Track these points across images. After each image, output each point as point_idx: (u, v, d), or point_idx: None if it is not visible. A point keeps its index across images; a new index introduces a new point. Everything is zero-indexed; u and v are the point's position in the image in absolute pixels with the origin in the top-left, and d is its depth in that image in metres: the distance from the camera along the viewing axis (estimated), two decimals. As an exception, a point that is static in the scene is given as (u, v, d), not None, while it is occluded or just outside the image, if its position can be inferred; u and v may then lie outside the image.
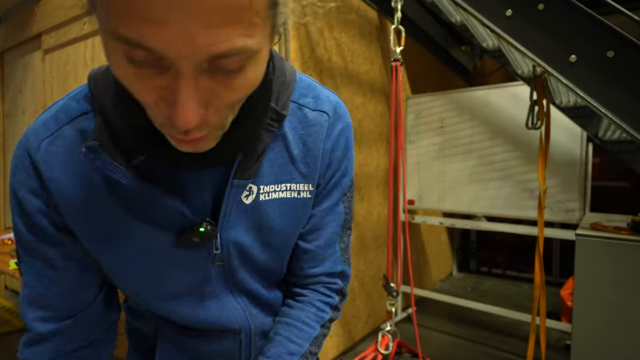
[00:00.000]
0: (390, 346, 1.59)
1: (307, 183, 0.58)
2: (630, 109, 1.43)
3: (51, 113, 0.50)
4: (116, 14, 0.32)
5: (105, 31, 0.34)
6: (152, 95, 0.36)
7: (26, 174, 0.49)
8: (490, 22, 1.61)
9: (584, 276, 1.79)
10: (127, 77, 0.36)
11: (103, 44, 0.36)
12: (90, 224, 0.50)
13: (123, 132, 0.46)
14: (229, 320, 0.60)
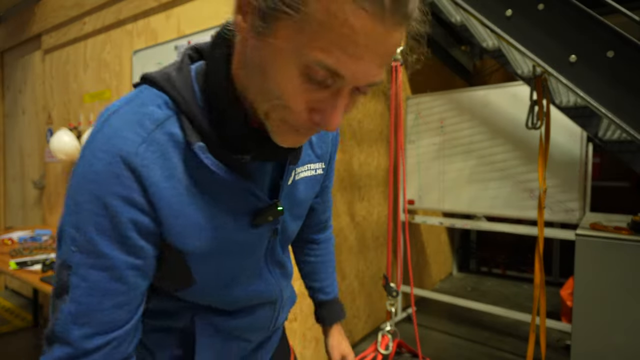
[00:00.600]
0: (390, 346, 1.59)
1: (321, 162, 0.71)
2: (630, 109, 1.43)
3: (131, 119, 0.50)
4: (322, 44, 0.40)
5: (293, 51, 0.42)
6: (304, 104, 0.46)
7: (118, 181, 0.48)
8: (490, 22, 1.61)
9: (584, 276, 1.79)
10: (291, 88, 0.44)
11: (273, 57, 0.44)
12: (186, 221, 0.53)
13: (233, 135, 0.52)
14: (269, 292, 0.69)
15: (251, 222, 0.58)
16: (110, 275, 0.50)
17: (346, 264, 2.74)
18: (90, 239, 0.48)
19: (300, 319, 2.31)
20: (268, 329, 0.74)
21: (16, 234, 2.72)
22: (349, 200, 2.74)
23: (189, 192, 0.53)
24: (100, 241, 0.49)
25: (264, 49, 0.45)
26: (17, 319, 3.32)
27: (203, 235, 0.55)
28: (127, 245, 0.50)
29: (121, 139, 0.48)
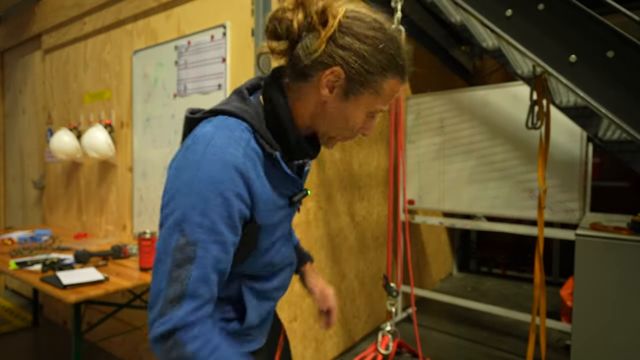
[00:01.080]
0: (390, 346, 1.59)
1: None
2: (630, 109, 1.43)
3: (229, 142, 0.72)
4: (383, 101, 0.78)
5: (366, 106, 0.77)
6: (360, 123, 0.79)
7: (234, 184, 0.71)
8: (490, 22, 1.61)
9: (584, 276, 1.79)
10: (359, 122, 0.79)
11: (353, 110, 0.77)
12: (268, 206, 0.79)
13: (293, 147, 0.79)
14: (290, 255, 0.97)
15: (289, 202, 0.85)
16: (222, 248, 0.72)
17: (346, 264, 2.74)
18: (214, 222, 0.69)
19: (301, 319, 2.31)
20: (286, 288, 0.98)
21: (16, 234, 2.72)
22: (349, 200, 2.74)
23: (269, 185, 0.78)
24: (220, 224, 0.70)
25: (345, 108, 0.77)
26: (17, 319, 3.32)
27: (275, 214, 0.81)
28: (234, 227, 0.73)
29: (230, 155, 0.71)
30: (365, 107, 0.77)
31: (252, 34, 2.02)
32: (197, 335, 0.69)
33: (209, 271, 0.70)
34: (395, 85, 0.79)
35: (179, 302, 0.68)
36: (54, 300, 3.22)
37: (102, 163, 2.84)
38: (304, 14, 0.72)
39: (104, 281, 1.78)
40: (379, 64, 0.74)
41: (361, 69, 0.72)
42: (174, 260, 0.69)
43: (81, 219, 3.05)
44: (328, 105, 0.77)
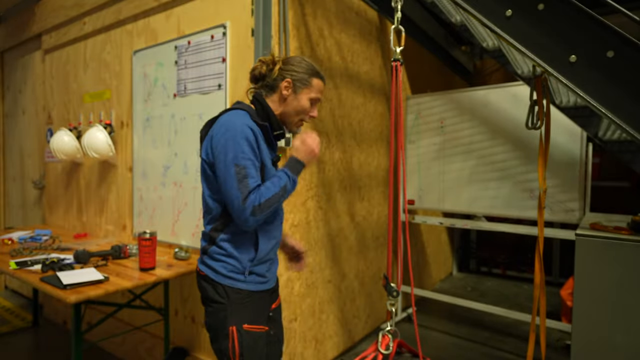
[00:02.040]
0: (390, 346, 1.58)
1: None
2: (630, 109, 1.42)
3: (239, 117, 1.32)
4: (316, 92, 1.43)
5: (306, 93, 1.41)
6: (310, 110, 1.44)
7: (249, 132, 1.28)
8: (490, 22, 1.61)
9: (584, 276, 1.79)
10: (307, 105, 1.41)
11: (297, 93, 1.40)
12: (263, 152, 1.34)
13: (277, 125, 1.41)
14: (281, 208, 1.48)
15: (273, 162, 1.41)
16: (255, 166, 1.29)
17: (346, 264, 2.74)
18: (247, 154, 1.27)
19: (301, 319, 2.31)
20: (280, 233, 1.48)
21: (16, 234, 2.72)
22: (349, 200, 2.74)
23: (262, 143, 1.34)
24: (250, 154, 1.28)
25: (296, 99, 1.40)
26: (17, 319, 3.32)
27: (267, 161, 1.35)
28: (256, 155, 1.30)
29: (242, 121, 1.30)
30: (306, 96, 1.39)
31: (252, 34, 2.02)
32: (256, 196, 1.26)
33: (255, 176, 1.28)
34: (319, 82, 1.42)
35: (249, 194, 1.25)
36: (54, 300, 3.22)
37: (102, 163, 2.84)
38: (265, 65, 1.41)
39: (104, 281, 1.78)
40: (306, 72, 1.40)
41: (299, 75, 1.39)
42: (237, 179, 1.26)
43: (81, 219, 3.05)
44: (288, 100, 1.40)
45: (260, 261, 1.39)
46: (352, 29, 2.73)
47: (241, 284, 1.35)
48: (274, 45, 2.02)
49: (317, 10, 2.36)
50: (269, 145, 1.38)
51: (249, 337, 1.33)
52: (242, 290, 1.35)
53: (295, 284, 2.27)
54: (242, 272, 1.35)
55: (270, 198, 1.27)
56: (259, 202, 1.25)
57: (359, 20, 2.80)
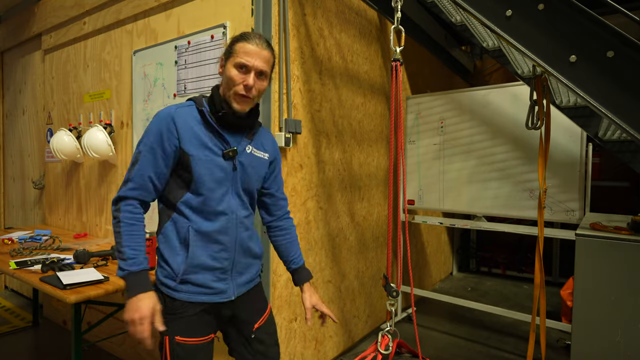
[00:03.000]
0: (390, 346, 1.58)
1: (267, 154, 1.41)
2: (630, 109, 1.43)
3: (170, 107, 1.26)
4: (240, 56, 1.24)
5: (230, 61, 1.25)
6: (239, 79, 1.24)
7: (165, 121, 1.22)
8: (490, 22, 1.61)
9: (584, 276, 1.79)
10: (234, 74, 1.23)
11: (225, 66, 1.28)
12: (190, 139, 1.23)
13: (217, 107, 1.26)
14: (229, 207, 1.29)
15: (223, 154, 1.27)
16: (154, 157, 1.22)
17: (346, 264, 2.74)
18: (151, 142, 1.22)
19: (301, 319, 2.31)
20: (233, 237, 1.30)
21: (16, 234, 2.72)
22: (349, 200, 2.74)
23: (199, 131, 1.25)
24: (154, 143, 1.22)
25: (225, 72, 1.27)
26: (17, 319, 3.32)
27: (200, 150, 1.24)
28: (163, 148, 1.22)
29: (169, 110, 1.25)
30: (231, 64, 1.24)
31: (252, 34, 2.01)
32: (129, 209, 1.21)
33: (146, 167, 1.22)
34: (242, 44, 1.24)
35: (126, 183, 1.22)
36: (54, 300, 3.22)
37: (102, 163, 2.84)
38: None
39: (104, 281, 1.78)
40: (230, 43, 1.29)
41: (226, 48, 1.29)
42: (131, 162, 1.24)
43: (81, 219, 3.05)
44: (223, 74, 1.29)
45: (197, 268, 1.25)
46: (352, 29, 2.73)
47: (173, 292, 1.25)
48: (273, 45, 2.02)
49: (317, 10, 2.36)
50: (213, 134, 1.25)
51: (181, 349, 1.24)
52: (175, 299, 1.25)
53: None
54: (174, 278, 1.25)
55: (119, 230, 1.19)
56: (122, 211, 1.19)
57: (359, 20, 2.80)
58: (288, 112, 2.13)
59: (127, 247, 1.18)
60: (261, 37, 1.27)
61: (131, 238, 1.19)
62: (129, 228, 1.19)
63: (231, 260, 1.31)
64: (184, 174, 1.24)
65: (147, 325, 1.15)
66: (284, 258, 1.52)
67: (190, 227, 1.24)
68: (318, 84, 2.40)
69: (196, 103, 1.27)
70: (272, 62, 1.30)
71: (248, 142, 1.33)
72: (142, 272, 1.18)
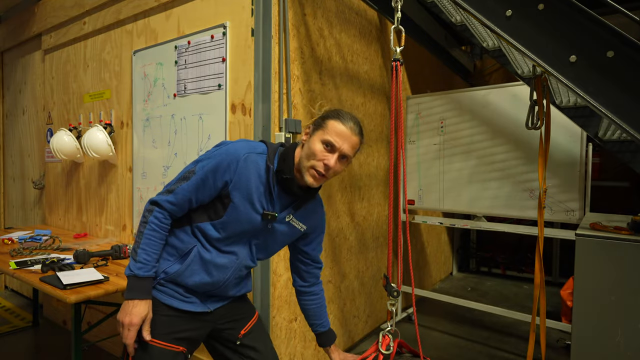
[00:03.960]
0: (391, 346, 1.58)
1: (305, 227, 1.40)
2: (630, 109, 1.42)
3: (244, 147, 1.25)
4: (330, 134, 1.22)
5: (319, 135, 1.23)
6: (322, 156, 1.21)
7: (231, 159, 1.21)
8: (490, 22, 1.61)
9: (584, 276, 1.79)
10: (318, 149, 1.21)
11: (311, 136, 1.25)
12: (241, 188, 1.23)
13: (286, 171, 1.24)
14: (241, 253, 1.31)
15: (262, 214, 1.26)
16: (201, 185, 1.22)
17: (346, 264, 2.74)
18: (207, 171, 1.21)
19: (301, 319, 2.31)
20: (225, 276, 1.30)
21: (16, 234, 2.72)
22: (349, 200, 2.74)
23: (253, 183, 1.23)
24: (209, 173, 1.21)
25: (309, 142, 1.24)
26: (17, 319, 3.32)
27: (243, 200, 1.23)
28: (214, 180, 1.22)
29: (238, 150, 1.23)
30: (318, 138, 1.22)
31: (252, 34, 2.01)
32: (159, 217, 1.22)
33: (192, 189, 1.22)
34: (334, 123, 1.22)
35: (169, 193, 1.23)
36: (54, 300, 3.22)
37: (102, 163, 2.84)
38: None
39: (104, 281, 1.78)
40: (324, 116, 1.26)
41: (317, 120, 1.26)
42: (182, 175, 1.24)
43: (81, 219, 3.05)
44: (304, 145, 1.26)
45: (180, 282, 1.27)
46: (352, 29, 2.73)
47: (154, 291, 1.25)
48: (274, 45, 2.02)
49: (317, 10, 2.36)
50: (265, 193, 1.24)
51: (141, 349, 1.22)
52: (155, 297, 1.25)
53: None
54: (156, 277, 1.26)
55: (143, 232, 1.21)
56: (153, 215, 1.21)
57: (359, 20, 2.80)
58: (288, 112, 2.13)
59: (142, 251, 1.19)
60: (356, 121, 1.25)
61: (150, 243, 1.20)
62: (151, 233, 1.20)
63: (214, 291, 1.33)
64: (217, 208, 1.25)
65: (133, 333, 1.17)
66: (311, 321, 1.54)
67: (196, 248, 1.26)
68: (318, 84, 2.40)
69: (268, 156, 1.25)
70: (358, 148, 1.28)
71: (292, 212, 1.32)
72: (146, 279, 1.20)
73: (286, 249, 1.53)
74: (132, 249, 1.22)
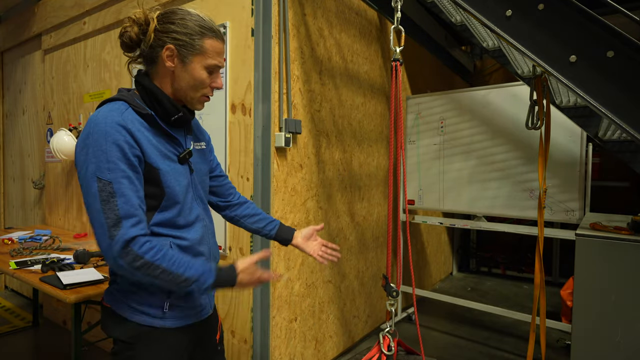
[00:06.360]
0: (392, 347, 1.59)
1: (202, 142, 1.25)
2: (630, 109, 1.43)
3: (109, 112, 0.99)
4: (208, 57, 1.06)
5: (197, 62, 1.05)
6: (206, 80, 1.07)
7: (119, 132, 0.96)
8: (490, 22, 1.61)
9: (584, 276, 1.79)
10: (201, 76, 1.06)
11: (188, 68, 1.05)
12: (151, 151, 1.02)
13: (171, 107, 1.07)
14: (200, 214, 1.16)
15: (179, 158, 1.10)
16: (130, 181, 0.97)
17: (346, 264, 2.74)
18: (116, 164, 0.95)
19: (301, 319, 2.31)
20: (207, 243, 1.18)
21: (16, 234, 2.72)
22: (349, 200, 2.74)
23: (152, 137, 1.04)
24: (120, 164, 0.95)
25: (186, 70, 1.06)
26: (17, 319, 3.32)
27: (162, 161, 1.05)
28: (132, 165, 0.98)
29: (111, 117, 0.98)
30: (200, 64, 1.06)
31: (252, 34, 2.01)
32: (150, 247, 0.96)
33: (130, 196, 0.96)
34: (213, 42, 1.06)
35: (119, 224, 0.94)
36: (53, 300, 3.22)
37: (102, 163, 2.84)
38: (137, 25, 1.05)
39: (104, 281, 1.78)
40: (193, 32, 1.04)
41: (183, 39, 1.03)
42: (101, 199, 0.94)
43: (81, 219, 3.05)
44: (176, 73, 1.06)
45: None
46: (352, 29, 2.73)
47: (156, 321, 1.07)
48: (274, 45, 2.02)
49: (317, 10, 2.36)
50: (165, 138, 1.06)
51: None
52: (155, 327, 1.07)
53: (295, 284, 2.27)
54: (161, 306, 1.07)
55: (162, 269, 0.95)
56: (144, 253, 0.94)
57: (359, 20, 2.80)
58: (288, 112, 2.13)
59: (185, 274, 0.98)
60: (217, 27, 1.10)
61: (177, 263, 0.98)
62: (167, 261, 0.96)
63: None
64: (151, 191, 1.03)
65: (259, 274, 1.08)
66: (261, 228, 1.40)
67: (171, 244, 1.06)
68: (318, 84, 2.40)
69: (130, 104, 1.03)
70: None
71: (190, 138, 1.16)
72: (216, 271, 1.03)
73: None
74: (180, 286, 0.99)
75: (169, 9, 1.07)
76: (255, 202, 2.05)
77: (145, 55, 1.08)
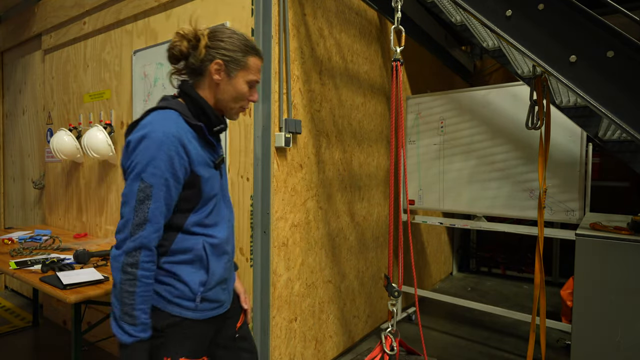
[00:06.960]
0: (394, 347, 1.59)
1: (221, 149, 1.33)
2: (630, 109, 1.43)
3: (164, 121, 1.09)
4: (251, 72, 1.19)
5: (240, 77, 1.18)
6: (246, 94, 1.20)
7: (172, 143, 1.06)
8: (490, 22, 1.61)
9: (584, 276, 1.79)
10: (243, 89, 1.19)
11: (233, 82, 1.18)
12: (198, 160, 1.12)
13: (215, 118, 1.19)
14: (227, 215, 1.27)
15: (215, 165, 1.20)
16: (167, 190, 1.07)
17: (346, 264, 2.74)
18: (162, 171, 1.05)
19: (301, 319, 2.31)
20: (231, 243, 1.28)
21: (16, 234, 2.72)
22: (349, 200, 2.74)
23: (199, 147, 1.14)
24: (166, 172, 1.05)
25: (231, 84, 1.18)
26: (17, 319, 3.32)
27: (204, 168, 1.15)
28: (176, 176, 1.07)
29: (167, 127, 1.08)
30: (243, 79, 1.17)
31: (252, 34, 2.02)
32: (148, 267, 1.05)
33: (162, 204, 1.06)
34: (255, 60, 1.19)
35: (144, 226, 1.04)
36: (54, 300, 3.22)
37: (102, 163, 2.84)
38: (186, 40, 1.17)
39: (104, 281, 1.78)
40: (239, 50, 1.16)
41: (230, 55, 1.15)
42: (138, 199, 1.04)
43: (81, 219, 3.05)
44: (221, 86, 1.18)
45: (215, 284, 1.19)
46: (352, 29, 2.73)
47: (188, 312, 1.15)
48: (274, 45, 2.02)
49: (317, 10, 2.36)
50: (207, 147, 1.18)
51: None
52: (187, 319, 1.15)
53: (295, 284, 2.27)
54: (192, 299, 1.15)
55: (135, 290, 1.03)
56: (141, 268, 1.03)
57: (359, 20, 2.80)
58: (288, 112, 2.13)
59: (140, 312, 1.04)
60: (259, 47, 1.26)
61: (145, 300, 1.05)
62: (145, 289, 1.04)
63: (231, 269, 1.30)
64: (190, 194, 1.13)
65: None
66: None
67: (204, 243, 1.16)
68: (318, 84, 2.40)
69: (182, 114, 1.13)
70: None
71: (219, 145, 1.29)
72: (148, 340, 1.08)
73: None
74: (121, 311, 1.03)
75: (217, 28, 1.20)
76: (255, 202, 2.05)
77: (193, 68, 1.18)
